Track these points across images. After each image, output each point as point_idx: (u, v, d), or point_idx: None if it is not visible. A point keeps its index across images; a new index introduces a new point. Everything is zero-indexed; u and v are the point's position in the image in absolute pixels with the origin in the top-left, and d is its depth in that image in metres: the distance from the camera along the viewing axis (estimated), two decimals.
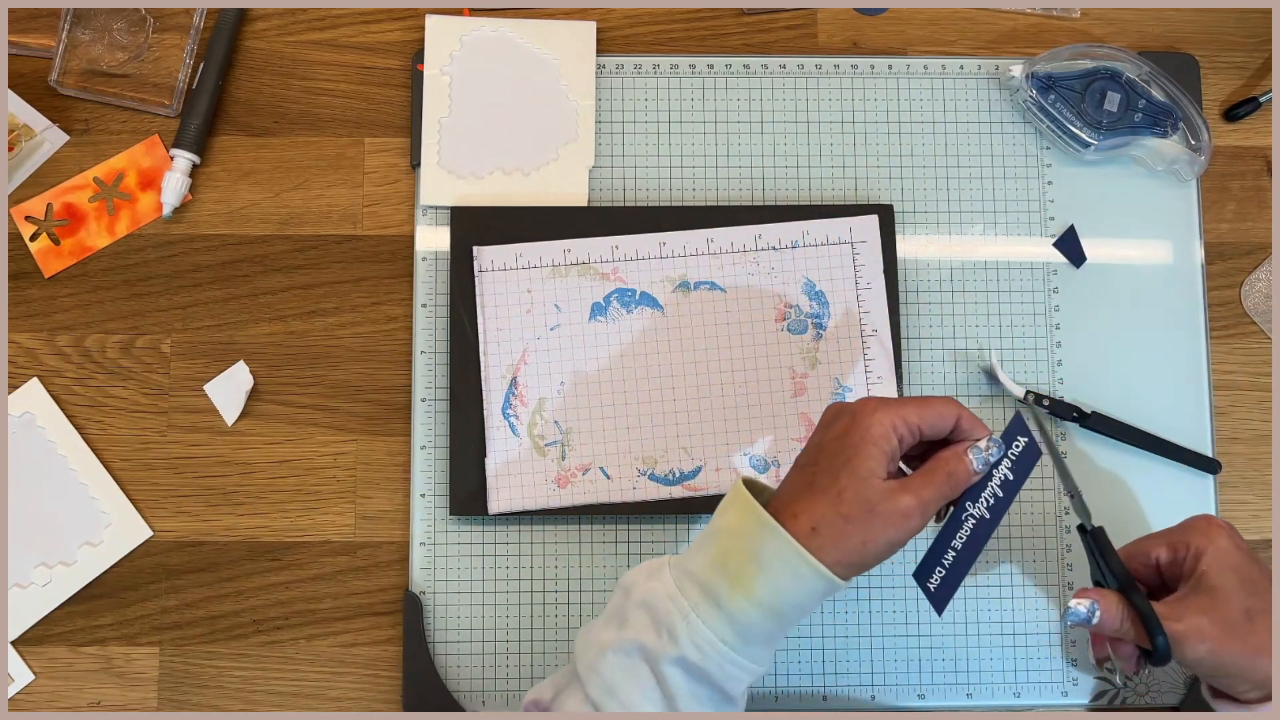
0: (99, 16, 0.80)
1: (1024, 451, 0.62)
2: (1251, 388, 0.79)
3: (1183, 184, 0.81)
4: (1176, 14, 0.83)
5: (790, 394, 0.76)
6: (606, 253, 0.77)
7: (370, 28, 0.81)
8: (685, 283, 0.77)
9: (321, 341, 0.78)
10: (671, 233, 0.77)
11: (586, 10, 0.82)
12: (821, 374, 0.76)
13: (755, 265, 0.77)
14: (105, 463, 0.76)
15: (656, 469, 0.75)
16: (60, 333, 0.78)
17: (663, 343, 0.76)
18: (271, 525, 0.76)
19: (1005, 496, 0.62)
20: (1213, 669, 0.61)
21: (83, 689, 0.75)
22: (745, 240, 0.77)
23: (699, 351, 0.76)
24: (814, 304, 0.77)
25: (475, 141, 0.79)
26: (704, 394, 0.76)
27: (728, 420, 0.75)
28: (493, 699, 0.75)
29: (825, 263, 0.77)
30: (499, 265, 0.76)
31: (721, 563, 0.58)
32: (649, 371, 0.76)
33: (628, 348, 0.76)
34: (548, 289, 0.76)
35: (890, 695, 0.75)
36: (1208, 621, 0.60)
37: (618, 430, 0.75)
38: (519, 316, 0.76)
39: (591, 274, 0.76)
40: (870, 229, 0.77)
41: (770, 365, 0.76)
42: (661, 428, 0.75)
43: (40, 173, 0.79)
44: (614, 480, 0.75)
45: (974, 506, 0.62)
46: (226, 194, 0.79)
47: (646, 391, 0.76)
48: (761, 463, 0.75)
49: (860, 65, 0.81)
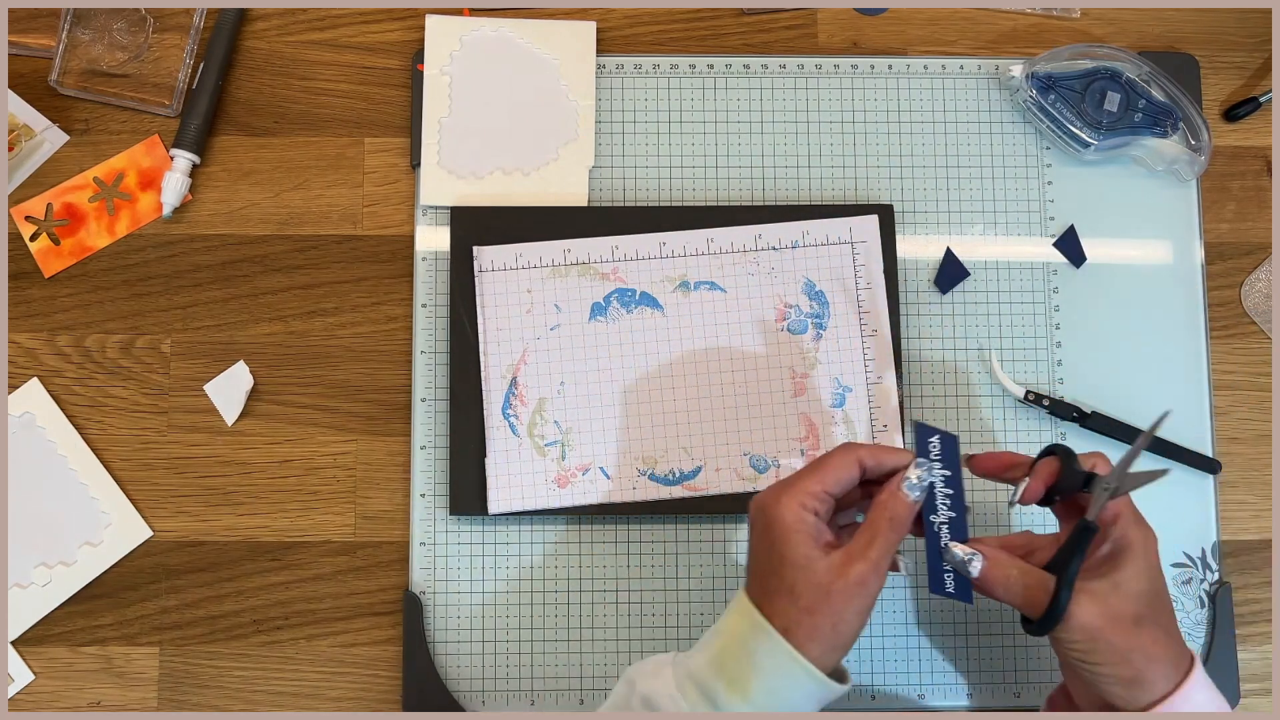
0: (99, 16, 0.80)
1: (943, 446, 0.63)
2: (1251, 388, 0.79)
3: (1183, 184, 0.81)
4: (1176, 14, 0.83)
5: (790, 394, 0.76)
6: (606, 253, 0.77)
7: (370, 28, 0.81)
8: (685, 283, 0.77)
9: (321, 341, 0.78)
10: (671, 233, 0.77)
11: (586, 10, 0.82)
12: (821, 374, 0.76)
13: (755, 265, 0.77)
14: (105, 463, 0.76)
15: (656, 469, 0.75)
16: (60, 333, 0.78)
17: (663, 343, 0.76)
18: (271, 525, 0.76)
19: (955, 491, 0.63)
20: (1085, 652, 0.60)
21: (83, 689, 0.75)
22: (745, 240, 0.77)
23: (699, 351, 0.76)
24: (814, 304, 0.77)
25: (475, 141, 0.79)
26: (704, 394, 0.76)
27: (728, 420, 0.75)
28: (493, 699, 0.75)
29: (825, 263, 0.77)
30: (499, 265, 0.76)
31: (719, 663, 0.59)
32: (649, 371, 0.76)
33: (628, 348, 0.76)
34: (548, 289, 0.76)
35: (890, 695, 0.75)
36: (1100, 610, 0.59)
37: (618, 430, 0.75)
38: (519, 316, 0.76)
39: (591, 274, 0.76)
40: (870, 229, 0.77)
41: (770, 365, 0.76)
42: (661, 428, 0.75)
43: (40, 173, 0.79)
44: (614, 480, 0.75)
45: (936, 516, 0.63)
46: (226, 194, 0.79)
47: (646, 391, 0.76)
48: (762, 463, 0.75)
49: (860, 65, 0.81)
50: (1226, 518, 0.78)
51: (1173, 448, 0.77)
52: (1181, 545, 0.77)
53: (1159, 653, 0.59)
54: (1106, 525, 0.62)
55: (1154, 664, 0.59)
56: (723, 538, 0.76)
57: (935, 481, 0.63)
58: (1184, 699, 0.59)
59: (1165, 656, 0.59)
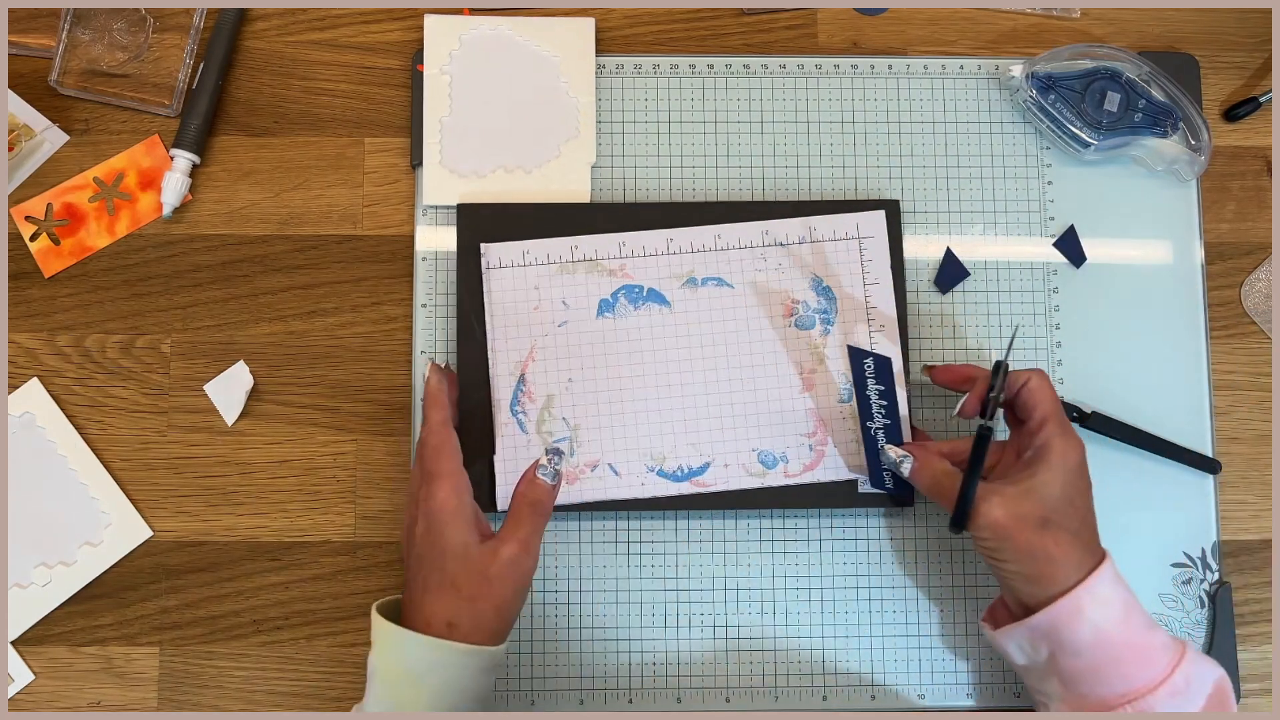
0: (99, 16, 0.80)
1: (877, 366, 0.74)
2: (1251, 388, 0.79)
3: (1183, 184, 0.81)
4: (1176, 14, 0.83)
5: (798, 389, 0.76)
6: (614, 249, 0.77)
7: (370, 28, 0.81)
8: (693, 279, 0.77)
9: (321, 341, 0.78)
10: (679, 229, 0.77)
11: (586, 10, 0.82)
12: (829, 369, 0.76)
13: (763, 261, 0.77)
14: (105, 463, 0.76)
15: (665, 465, 0.75)
16: (60, 333, 0.78)
17: (670, 339, 0.76)
18: (271, 525, 0.76)
19: (890, 403, 0.74)
20: (993, 549, 0.65)
21: (83, 689, 0.75)
22: (752, 236, 0.77)
23: (706, 348, 0.76)
24: (821, 300, 0.77)
25: (476, 140, 0.79)
26: (711, 390, 0.76)
27: (735, 416, 0.75)
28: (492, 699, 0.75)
29: (833, 259, 0.77)
30: (506, 262, 0.76)
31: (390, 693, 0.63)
32: (657, 368, 0.76)
33: (635, 344, 0.76)
34: (555, 286, 0.76)
35: (890, 695, 0.75)
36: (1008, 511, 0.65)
37: (626, 427, 0.75)
38: (527, 313, 0.76)
39: (599, 270, 0.76)
40: (877, 224, 0.77)
41: (778, 361, 0.76)
42: (669, 424, 0.75)
43: (40, 173, 0.79)
44: (623, 476, 0.75)
45: (873, 423, 0.74)
46: (226, 194, 0.79)
47: (654, 388, 0.76)
48: (770, 458, 0.75)
49: (860, 65, 0.81)
50: (1226, 518, 0.78)
51: (1173, 448, 0.77)
52: (1181, 545, 0.77)
53: (1060, 554, 0.64)
54: (1033, 433, 0.67)
55: (1055, 564, 0.64)
56: (724, 536, 0.76)
57: (870, 393, 0.74)
58: (1087, 591, 0.63)
59: (1067, 558, 0.64)
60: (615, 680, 0.75)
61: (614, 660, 0.75)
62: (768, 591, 0.76)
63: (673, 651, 0.75)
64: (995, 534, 0.65)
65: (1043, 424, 0.67)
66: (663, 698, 0.75)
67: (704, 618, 0.76)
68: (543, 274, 0.76)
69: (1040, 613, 0.64)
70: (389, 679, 0.63)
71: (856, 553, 0.76)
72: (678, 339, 0.76)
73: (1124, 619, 0.64)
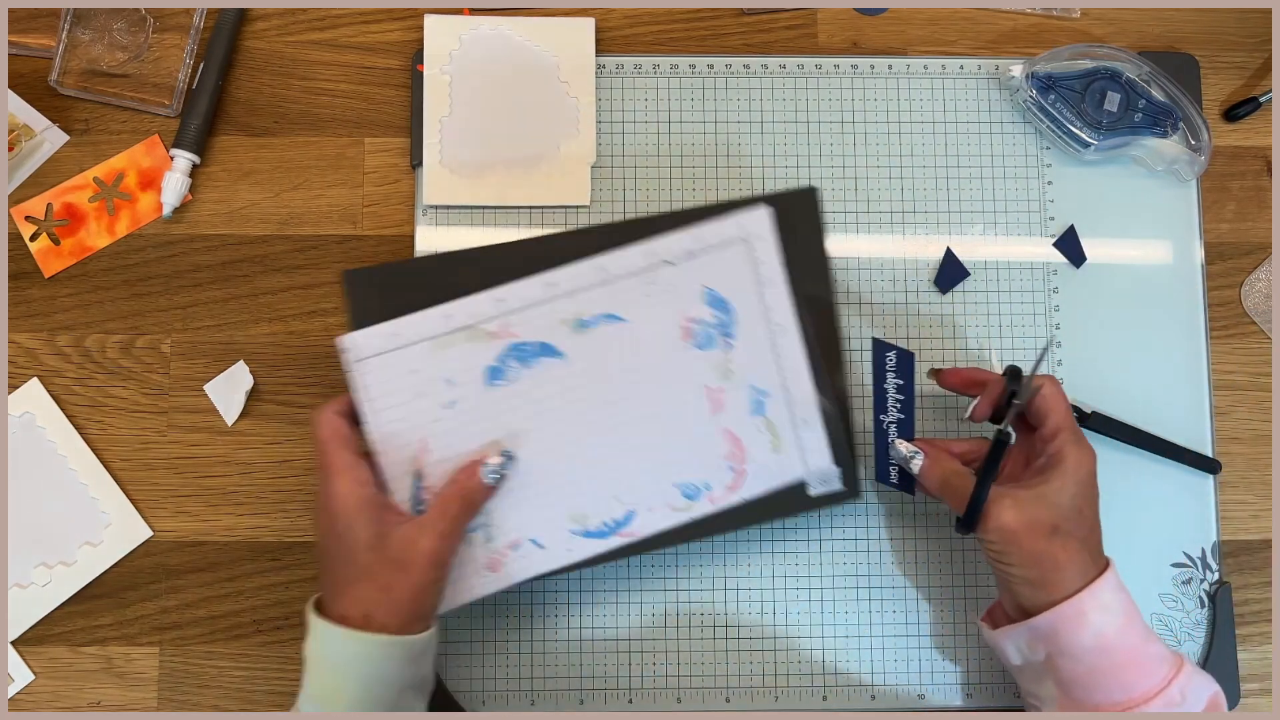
0: (99, 16, 0.80)
1: (899, 360, 0.76)
2: (1251, 388, 0.79)
3: (1183, 184, 0.81)
4: (1176, 14, 0.83)
5: (709, 411, 0.71)
6: (490, 309, 0.69)
7: (370, 28, 0.81)
8: (581, 321, 0.70)
9: (321, 341, 0.78)
10: (557, 270, 0.69)
11: (586, 10, 0.82)
12: (738, 383, 0.71)
13: (651, 285, 0.70)
14: (105, 463, 0.76)
15: (588, 524, 0.70)
16: (60, 333, 0.78)
17: (570, 391, 0.70)
18: (271, 525, 0.76)
19: (906, 398, 0.75)
20: (999, 552, 0.66)
21: (83, 689, 0.75)
22: (637, 261, 0.70)
23: (609, 391, 0.70)
24: (718, 313, 0.71)
25: (477, 140, 0.79)
26: (622, 435, 0.70)
27: (651, 454, 0.70)
28: (493, 699, 0.75)
29: (723, 267, 0.71)
30: (371, 350, 0.68)
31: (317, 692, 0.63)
32: (560, 428, 0.70)
33: (534, 406, 0.69)
34: (434, 364, 0.68)
35: (890, 695, 0.75)
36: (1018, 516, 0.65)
37: (540, 495, 0.69)
38: (409, 403, 0.68)
39: (479, 336, 0.69)
40: (762, 222, 0.71)
41: (683, 388, 0.71)
42: (584, 481, 0.70)
43: (40, 173, 0.79)
44: (548, 548, 0.69)
45: (886, 416, 0.76)
46: (226, 194, 0.79)
47: (562, 448, 0.69)
48: (692, 489, 0.71)
49: (860, 65, 0.81)
50: (1226, 518, 0.78)
51: (1173, 448, 0.77)
52: (1181, 545, 0.77)
53: (1067, 561, 0.64)
54: (1047, 440, 0.68)
55: (1061, 571, 0.64)
56: (724, 537, 0.76)
57: (889, 386, 0.75)
58: (1091, 596, 0.64)
59: (1073, 565, 0.65)
60: (615, 680, 0.75)
61: (614, 660, 0.75)
62: (768, 591, 0.76)
63: (673, 651, 0.75)
64: (1004, 538, 0.65)
65: (1056, 432, 0.67)
66: (663, 698, 0.75)
67: (704, 618, 0.76)
68: (418, 354, 0.68)
69: (1042, 615, 0.64)
70: (317, 668, 0.63)
71: (856, 553, 0.76)
72: (577, 389, 0.70)
73: (1124, 627, 0.64)
